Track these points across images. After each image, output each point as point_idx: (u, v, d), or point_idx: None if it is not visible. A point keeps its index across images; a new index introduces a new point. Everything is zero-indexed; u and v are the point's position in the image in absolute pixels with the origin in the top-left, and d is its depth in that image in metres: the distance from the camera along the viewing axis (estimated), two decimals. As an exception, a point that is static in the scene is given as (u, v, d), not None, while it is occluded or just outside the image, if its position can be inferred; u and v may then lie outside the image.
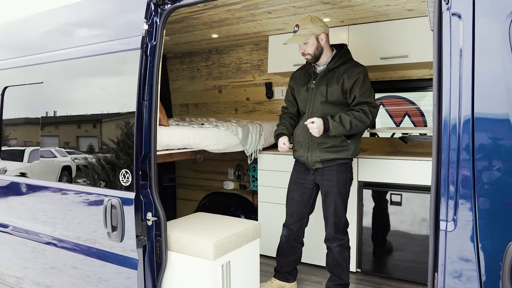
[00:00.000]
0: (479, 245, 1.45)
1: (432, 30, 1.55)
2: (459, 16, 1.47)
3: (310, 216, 3.05)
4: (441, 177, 1.53)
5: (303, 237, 3.08)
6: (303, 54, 2.82)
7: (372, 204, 3.44)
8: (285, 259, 3.08)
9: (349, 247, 2.95)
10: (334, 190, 2.82)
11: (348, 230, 3.04)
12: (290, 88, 3.06)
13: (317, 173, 2.88)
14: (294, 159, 3.03)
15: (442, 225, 1.52)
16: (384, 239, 3.42)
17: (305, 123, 2.70)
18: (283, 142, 2.90)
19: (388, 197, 3.36)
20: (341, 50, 2.86)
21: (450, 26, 1.48)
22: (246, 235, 2.62)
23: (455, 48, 1.47)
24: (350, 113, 2.69)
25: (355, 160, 3.44)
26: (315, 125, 2.64)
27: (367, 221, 3.46)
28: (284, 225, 3.07)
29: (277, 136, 2.99)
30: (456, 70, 1.47)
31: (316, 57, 2.81)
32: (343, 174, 2.83)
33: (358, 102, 2.71)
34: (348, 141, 2.79)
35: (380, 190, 3.39)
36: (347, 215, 2.90)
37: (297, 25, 2.78)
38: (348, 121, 2.65)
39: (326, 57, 2.83)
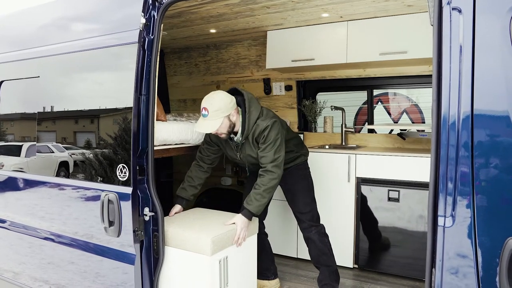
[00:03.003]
0: (477, 241, 1.45)
1: (432, 25, 1.54)
2: (460, 11, 1.46)
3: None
4: (439, 173, 1.52)
5: (264, 227, 3.09)
6: (217, 134, 2.65)
7: (370, 200, 3.44)
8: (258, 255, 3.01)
9: (326, 234, 2.99)
10: (299, 186, 2.94)
11: (345, 226, 3.04)
12: (213, 141, 2.90)
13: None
14: None
15: (440, 221, 1.52)
16: (381, 235, 3.42)
17: (234, 241, 2.53)
18: (174, 212, 2.82)
19: (385, 193, 3.36)
20: (244, 114, 2.66)
21: (450, 21, 1.48)
22: (244, 230, 2.61)
23: (455, 43, 1.46)
24: (257, 184, 2.62)
25: (352, 156, 3.45)
26: (238, 230, 2.53)
27: (364, 217, 3.46)
28: None
29: (176, 197, 2.92)
30: (456, 66, 1.46)
31: (230, 133, 2.69)
32: (302, 171, 2.98)
33: (261, 165, 2.65)
34: (296, 153, 2.94)
35: (377, 186, 3.39)
36: (343, 211, 2.91)
37: (204, 108, 2.56)
38: (260, 195, 2.58)
39: (238, 125, 2.69)
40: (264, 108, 2.78)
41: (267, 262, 3.12)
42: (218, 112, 2.55)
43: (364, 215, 3.47)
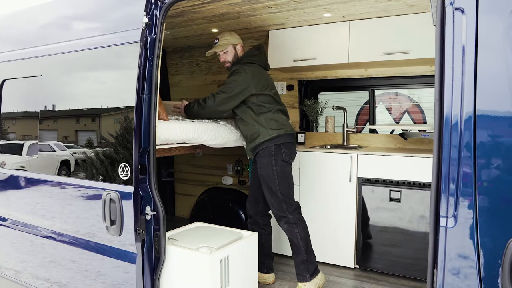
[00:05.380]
0: (479, 242, 1.45)
1: (434, 25, 1.54)
2: (462, 11, 1.45)
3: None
4: (442, 173, 1.52)
5: (264, 223, 3.22)
6: (224, 63, 3.21)
7: (371, 200, 3.44)
8: None
9: (297, 224, 2.96)
10: (263, 174, 2.99)
11: (347, 226, 3.02)
12: None
13: (256, 163, 3.09)
14: None
15: (442, 221, 1.52)
16: (382, 235, 3.42)
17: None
18: None
19: (387, 193, 3.35)
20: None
21: (453, 21, 1.47)
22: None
23: (458, 44, 1.46)
24: (204, 102, 3.04)
25: (354, 156, 3.44)
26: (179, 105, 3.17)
27: (366, 217, 3.46)
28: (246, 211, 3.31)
29: None
30: (458, 66, 1.46)
31: (232, 64, 3.14)
32: (266, 158, 2.98)
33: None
34: (256, 127, 3.01)
35: (379, 187, 3.38)
36: (344, 211, 2.89)
37: (216, 38, 3.17)
38: (196, 107, 3.05)
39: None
40: (251, 64, 3.07)
41: (261, 255, 3.11)
42: (226, 40, 3.14)
43: (365, 215, 3.46)
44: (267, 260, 3.20)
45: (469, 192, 1.46)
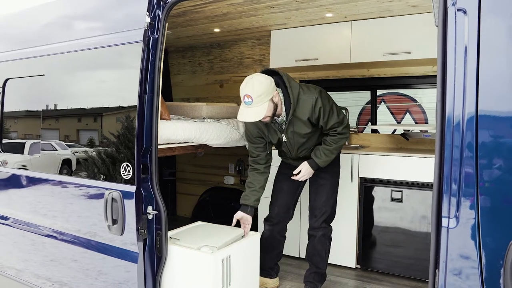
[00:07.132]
0: (481, 242, 1.45)
1: (437, 26, 1.54)
2: (465, 12, 1.45)
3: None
4: (443, 174, 1.52)
5: (286, 230, 3.09)
6: (262, 119, 2.54)
7: (373, 200, 3.43)
8: (268, 254, 3.03)
9: (330, 239, 2.96)
10: (328, 182, 2.88)
11: (348, 226, 3.00)
12: (254, 136, 2.82)
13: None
14: None
15: (444, 221, 1.52)
16: (384, 235, 3.42)
17: (292, 178, 2.81)
18: (236, 219, 2.81)
19: (388, 193, 3.35)
20: (284, 90, 2.61)
21: (455, 22, 1.47)
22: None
23: (460, 44, 1.46)
24: (328, 141, 2.71)
25: (355, 156, 3.45)
26: (301, 175, 2.77)
27: (368, 217, 3.46)
28: (266, 219, 3.03)
29: (242, 205, 2.84)
30: (460, 66, 1.46)
31: (274, 115, 2.62)
32: (337, 167, 2.93)
33: (329, 128, 2.69)
34: None
35: (380, 187, 3.38)
36: (346, 211, 2.90)
37: (247, 96, 2.44)
38: (329, 151, 2.70)
39: (280, 106, 2.63)
40: (302, 84, 2.73)
41: (274, 262, 3.13)
42: (262, 97, 2.44)
43: (367, 215, 3.46)
44: (277, 265, 3.17)
45: (471, 192, 1.46)
